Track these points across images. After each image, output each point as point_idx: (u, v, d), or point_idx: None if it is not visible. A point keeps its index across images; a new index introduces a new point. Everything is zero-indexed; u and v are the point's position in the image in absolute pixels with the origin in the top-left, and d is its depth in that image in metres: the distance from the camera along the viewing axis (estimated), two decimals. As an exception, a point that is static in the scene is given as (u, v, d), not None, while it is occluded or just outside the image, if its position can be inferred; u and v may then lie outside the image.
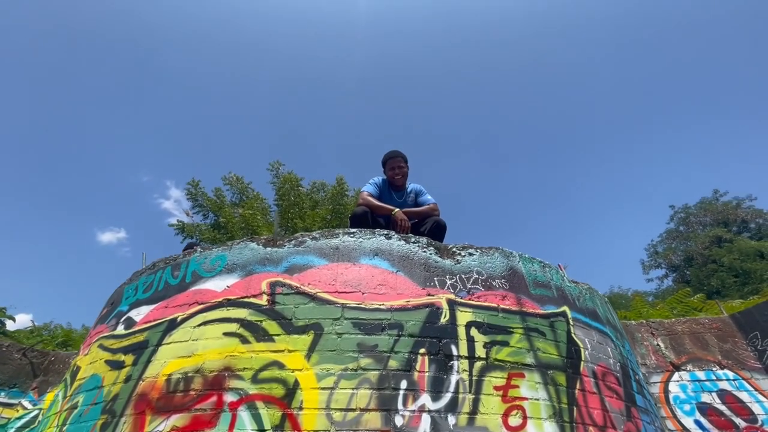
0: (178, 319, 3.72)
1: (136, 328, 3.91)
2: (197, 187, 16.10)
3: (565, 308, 4.17)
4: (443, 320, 3.51)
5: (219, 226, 15.43)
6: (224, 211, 15.25)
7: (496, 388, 3.33)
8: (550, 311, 4.00)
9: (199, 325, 3.60)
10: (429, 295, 3.63)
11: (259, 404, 3.13)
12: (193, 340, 3.53)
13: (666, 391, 6.12)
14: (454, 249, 4.08)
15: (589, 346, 4.04)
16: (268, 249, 3.97)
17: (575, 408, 3.51)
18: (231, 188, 17.09)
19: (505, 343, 3.56)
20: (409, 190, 5.56)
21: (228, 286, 3.82)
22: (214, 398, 3.19)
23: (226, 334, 3.48)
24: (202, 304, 3.78)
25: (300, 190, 16.11)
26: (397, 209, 5.04)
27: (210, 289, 3.86)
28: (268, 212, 16.44)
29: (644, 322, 7.06)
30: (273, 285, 3.71)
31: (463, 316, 3.58)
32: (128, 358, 3.71)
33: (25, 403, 7.01)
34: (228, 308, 3.66)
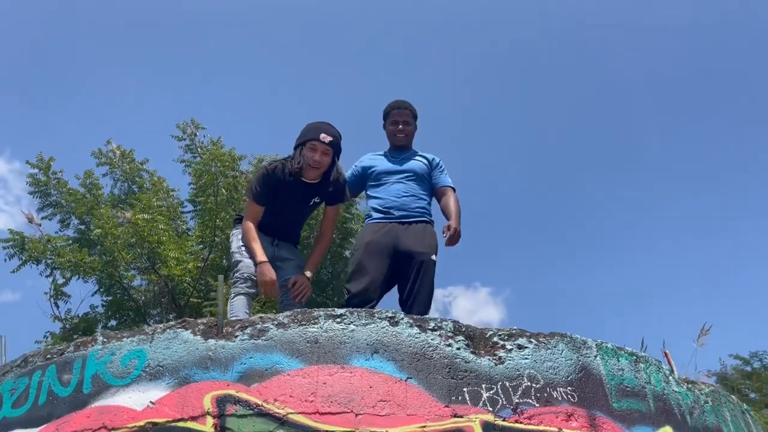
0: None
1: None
2: (48, 169, 9.71)
3: (666, 430, 3.00)
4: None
5: (89, 241, 9.66)
6: (97, 214, 9.14)
7: None
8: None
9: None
10: (455, 416, 2.59)
11: None
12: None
13: None
14: (495, 340, 2.94)
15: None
16: (211, 342, 2.84)
17: None
18: (111, 170, 10.41)
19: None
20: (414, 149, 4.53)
21: (152, 403, 2.66)
22: None
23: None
24: (113, 430, 2.60)
25: (237, 177, 9.63)
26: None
27: (124, 406, 2.69)
28: (180, 216, 10.52)
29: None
30: (222, 401, 2.61)
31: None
32: None
33: None
34: (154, 438, 2.53)
